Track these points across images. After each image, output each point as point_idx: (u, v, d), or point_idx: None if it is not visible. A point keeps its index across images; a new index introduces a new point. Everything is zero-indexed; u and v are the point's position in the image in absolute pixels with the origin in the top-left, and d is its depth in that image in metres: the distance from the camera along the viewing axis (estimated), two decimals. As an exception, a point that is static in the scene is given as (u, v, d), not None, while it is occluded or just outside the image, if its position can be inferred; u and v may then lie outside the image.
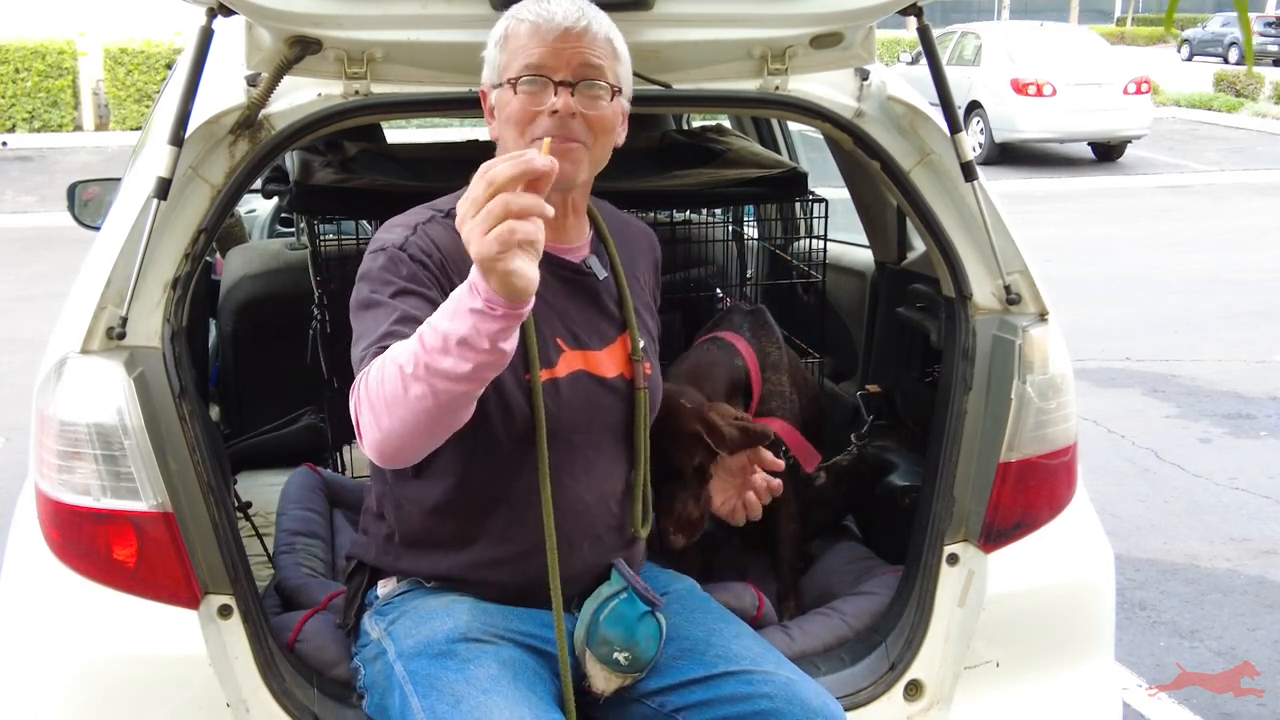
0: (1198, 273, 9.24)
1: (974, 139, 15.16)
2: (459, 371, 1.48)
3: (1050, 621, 2.22)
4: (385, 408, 1.56)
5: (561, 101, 1.75)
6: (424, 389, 1.50)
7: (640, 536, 2.01)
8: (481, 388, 1.55)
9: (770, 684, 1.83)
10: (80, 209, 3.63)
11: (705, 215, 3.96)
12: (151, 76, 17.03)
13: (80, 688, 1.86)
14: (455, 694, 1.71)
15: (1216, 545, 4.48)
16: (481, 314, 1.45)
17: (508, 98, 1.78)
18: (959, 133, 2.17)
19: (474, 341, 1.46)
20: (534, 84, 1.76)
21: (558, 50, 1.76)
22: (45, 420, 1.87)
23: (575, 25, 1.77)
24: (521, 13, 1.79)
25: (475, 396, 1.57)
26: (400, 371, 1.52)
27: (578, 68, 1.76)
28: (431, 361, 1.49)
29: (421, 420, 1.54)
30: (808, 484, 2.57)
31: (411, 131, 11.75)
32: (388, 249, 1.78)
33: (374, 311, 1.72)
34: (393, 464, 1.66)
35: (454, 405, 1.54)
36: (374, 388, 1.58)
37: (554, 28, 1.76)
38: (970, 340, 2.21)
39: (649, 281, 2.11)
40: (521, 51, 1.77)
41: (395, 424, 1.56)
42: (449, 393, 1.51)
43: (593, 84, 1.78)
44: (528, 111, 1.75)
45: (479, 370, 1.49)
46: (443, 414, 1.55)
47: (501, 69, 1.80)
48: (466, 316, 1.46)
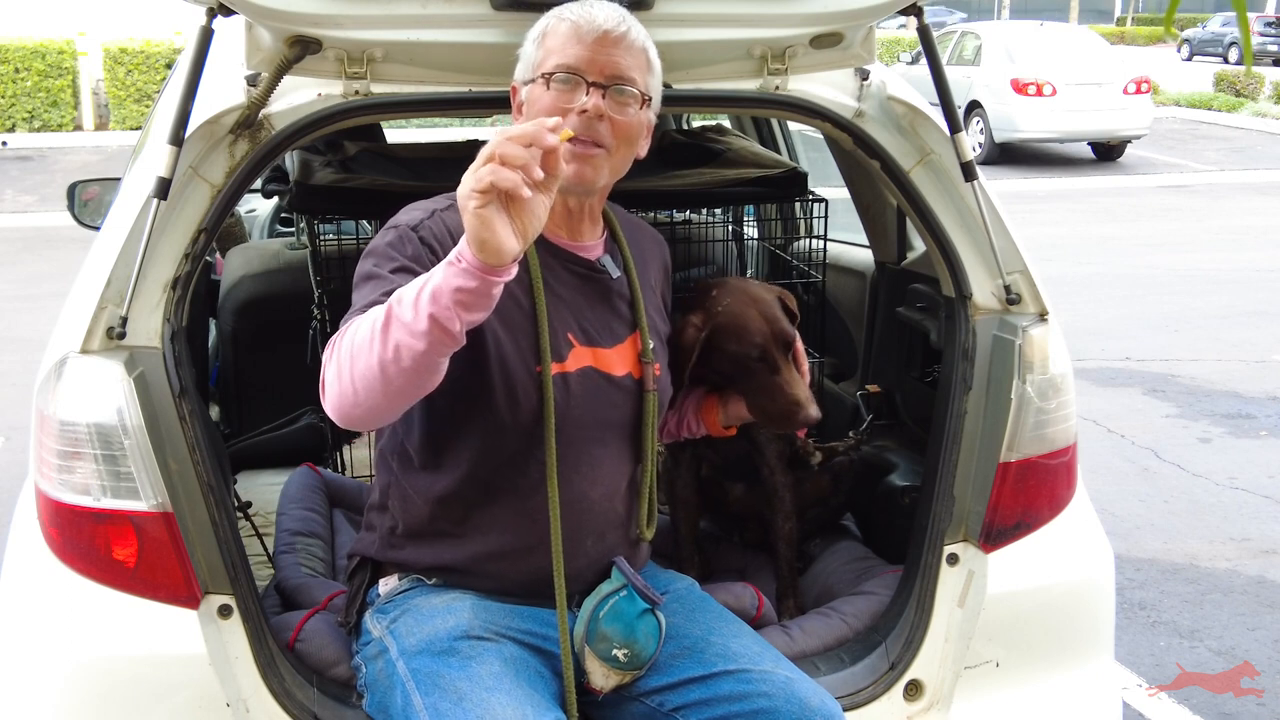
0: (1198, 273, 9.24)
1: (974, 139, 15.17)
2: (418, 328, 1.49)
3: (1050, 621, 2.22)
4: (349, 360, 1.57)
5: (592, 102, 1.77)
6: (385, 343, 1.52)
7: (646, 538, 2.02)
8: (438, 357, 1.53)
9: (769, 683, 1.83)
10: (80, 209, 3.63)
11: (705, 215, 3.96)
12: (151, 76, 17.04)
13: (80, 687, 1.86)
14: (458, 691, 1.72)
15: (1216, 545, 4.48)
16: (451, 265, 1.47)
17: (539, 93, 1.80)
18: (959, 132, 2.17)
19: (438, 295, 1.47)
20: (567, 82, 1.78)
21: (595, 52, 1.78)
22: (45, 420, 1.87)
23: (615, 30, 1.79)
24: (564, 12, 1.81)
25: (433, 367, 1.55)
26: (371, 327, 1.54)
27: (612, 72, 1.78)
28: (399, 313, 1.51)
29: (378, 378, 1.54)
30: (804, 466, 2.57)
31: (411, 131, 11.75)
32: (399, 227, 1.81)
33: (371, 283, 1.74)
34: (348, 424, 1.65)
35: (412, 368, 1.52)
36: (343, 343, 1.60)
37: (594, 29, 1.78)
38: (970, 340, 2.21)
39: (660, 284, 2.12)
40: (558, 50, 1.79)
41: (354, 378, 1.57)
42: (409, 350, 1.50)
43: (624, 90, 1.80)
44: (557, 108, 1.76)
45: (434, 329, 1.48)
46: (400, 375, 1.53)
47: (536, 65, 1.81)
48: (439, 269, 1.49)
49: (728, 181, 3.04)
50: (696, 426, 2.26)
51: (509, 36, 1.93)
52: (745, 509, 2.63)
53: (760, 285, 2.29)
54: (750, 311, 2.19)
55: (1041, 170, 15.02)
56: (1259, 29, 31.49)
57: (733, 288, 2.26)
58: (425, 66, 2.06)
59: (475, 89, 2.09)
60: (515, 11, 1.92)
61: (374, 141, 3.21)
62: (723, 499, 2.62)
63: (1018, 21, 22.21)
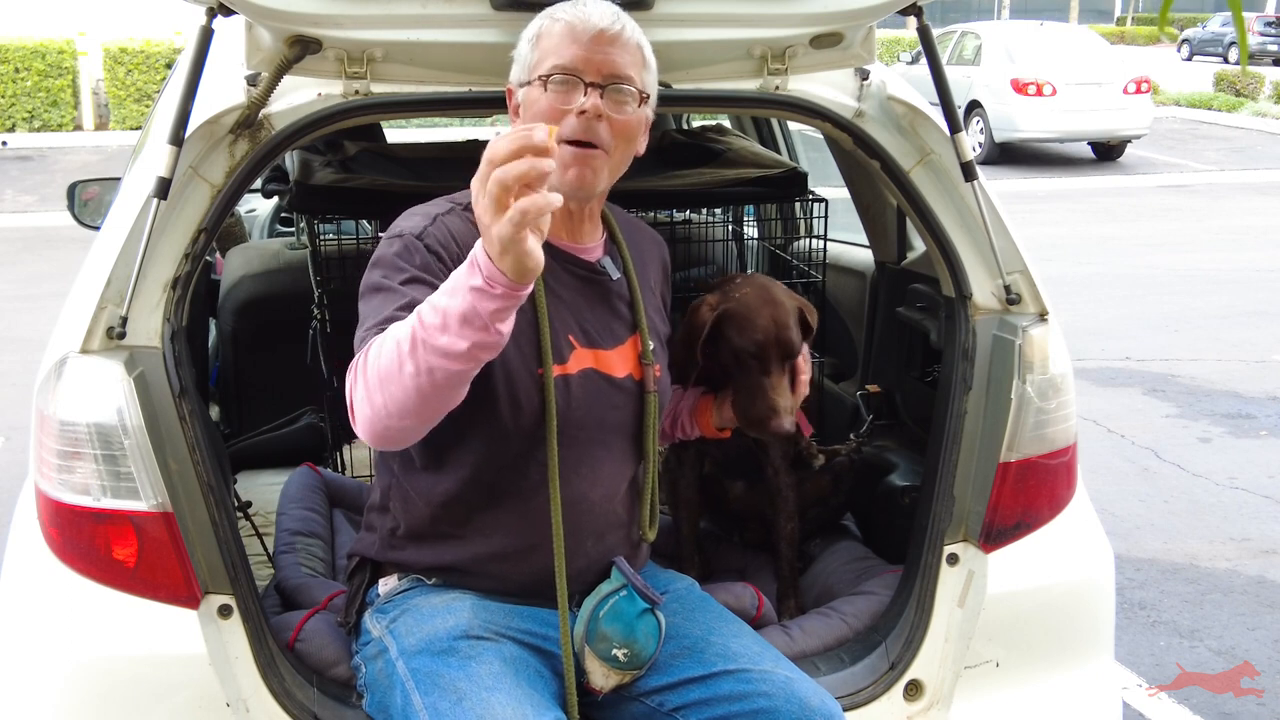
0: (1198, 273, 9.24)
1: (974, 139, 15.17)
2: (455, 350, 1.48)
3: (1050, 621, 2.22)
4: (379, 384, 1.56)
5: (590, 103, 1.76)
6: (418, 366, 1.51)
7: (648, 539, 2.02)
8: (474, 369, 1.54)
9: (768, 682, 1.83)
10: (80, 209, 3.63)
11: (705, 215, 3.96)
12: (151, 76, 17.04)
13: (80, 687, 1.86)
14: (458, 691, 1.72)
15: (1216, 545, 4.48)
16: (480, 291, 1.45)
17: (536, 95, 1.79)
18: (959, 132, 2.17)
19: (471, 318, 1.46)
20: (564, 83, 1.77)
21: (591, 52, 1.77)
22: (45, 420, 1.87)
23: (610, 29, 1.78)
24: (557, 12, 1.81)
25: (467, 379, 1.56)
26: (397, 348, 1.53)
27: (609, 71, 1.78)
28: (428, 338, 1.49)
29: (413, 398, 1.54)
30: (806, 466, 2.58)
31: (411, 131, 11.75)
32: (404, 236, 1.79)
33: (381, 295, 1.73)
34: (383, 445, 1.65)
35: (447, 384, 1.53)
36: (370, 365, 1.58)
37: (589, 29, 1.77)
38: (970, 340, 2.21)
39: (659, 285, 2.12)
40: (554, 50, 1.78)
41: (387, 401, 1.56)
42: (443, 371, 1.50)
43: (621, 88, 1.79)
44: (555, 110, 1.76)
45: (474, 350, 1.49)
46: (435, 393, 1.54)
47: (532, 67, 1.81)
48: (466, 294, 1.46)
49: (728, 181, 3.04)
50: (691, 428, 2.26)
51: (509, 36, 1.92)
52: (745, 508, 2.63)
53: (785, 291, 2.30)
54: (763, 310, 2.20)
55: (1041, 170, 15.02)
56: (1259, 29, 31.50)
57: (756, 283, 2.29)
58: (425, 66, 2.06)
59: (475, 89, 2.09)
60: (515, 11, 1.92)
61: (374, 141, 3.22)
62: (722, 497, 2.62)
63: (1018, 21, 22.21)
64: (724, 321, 2.20)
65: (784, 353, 2.18)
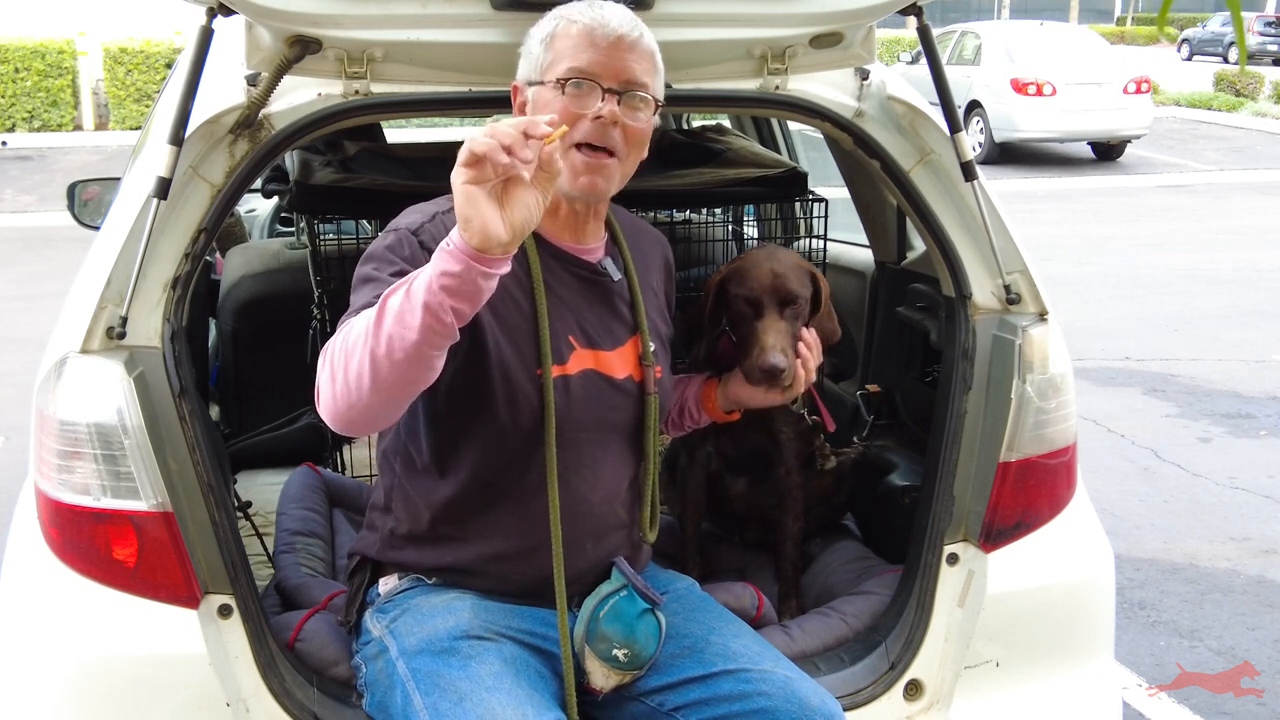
0: (1198, 272, 9.24)
1: (974, 138, 15.17)
2: (408, 315, 1.47)
3: (1050, 621, 2.22)
4: (343, 360, 1.56)
5: (608, 109, 1.75)
6: (376, 335, 1.50)
7: (649, 540, 2.02)
8: (430, 349, 1.51)
9: (769, 682, 1.83)
10: (80, 208, 3.63)
11: (705, 215, 3.96)
12: (151, 76, 17.04)
13: (80, 687, 1.86)
14: (458, 691, 1.72)
15: (1216, 545, 4.48)
16: (441, 250, 1.46)
17: (549, 97, 1.78)
18: (959, 132, 2.17)
19: (428, 281, 1.46)
20: (580, 87, 1.76)
21: (610, 57, 1.76)
22: (45, 420, 1.87)
23: (629, 35, 1.77)
24: (573, 14, 1.79)
25: (425, 360, 1.52)
26: (365, 326, 1.53)
27: (627, 77, 1.77)
28: (388, 304, 1.50)
29: (367, 371, 1.52)
30: (818, 469, 2.58)
31: (411, 131, 11.74)
32: (398, 230, 1.80)
33: (369, 286, 1.72)
34: (344, 427, 1.64)
35: (403, 359, 1.50)
36: (336, 346, 1.59)
37: (608, 34, 1.76)
38: (970, 340, 2.21)
39: (662, 285, 2.12)
40: (570, 53, 1.77)
41: (349, 377, 1.55)
42: (399, 340, 1.48)
43: (637, 95, 1.79)
44: (570, 114, 1.75)
45: (426, 315, 1.46)
46: (391, 368, 1.51)
47: (545, 67, 1.79)
48: (434, 258, 1.47)
49: (728, 181, 3.04)
50: (698, 414, 2.26)
51: (509, 36, 1.93)
52: (747, 507, 2.63)
53: (795, 255, 2.35)
54: (764, 264, 2.24)
55: (1041, 170, 15.02)
56: (1258, 29, 31.50)
57: (768, 247, 2.35)
58: (425, 66, 2.06)
59: (475, 89, 2.09)
60: (515, 11, 1.92)
61: (374, 141, 3.22)
62: (724, 495, 2.62)
63: (1018, 21, 22.22)
64: (728, 279, 2.25)
65: (780, 299, 2.20)
